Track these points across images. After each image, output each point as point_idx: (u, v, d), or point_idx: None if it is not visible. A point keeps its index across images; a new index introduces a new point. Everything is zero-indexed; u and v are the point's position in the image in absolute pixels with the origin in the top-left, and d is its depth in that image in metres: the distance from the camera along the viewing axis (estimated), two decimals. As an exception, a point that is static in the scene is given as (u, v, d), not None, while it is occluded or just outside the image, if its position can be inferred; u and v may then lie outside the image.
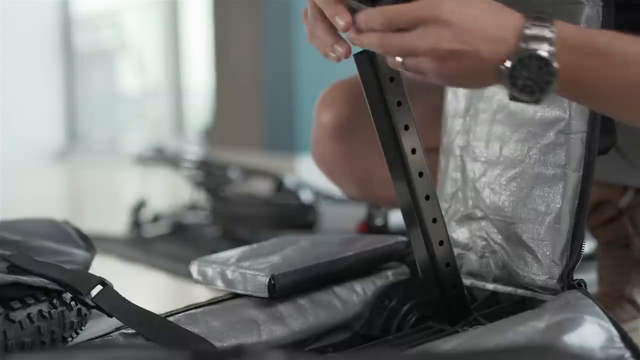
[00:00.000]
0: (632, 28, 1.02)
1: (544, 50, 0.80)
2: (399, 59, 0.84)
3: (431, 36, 0.81)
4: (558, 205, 0.98)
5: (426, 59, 0.82)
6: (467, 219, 1.09)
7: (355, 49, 0.93)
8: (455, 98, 1.11)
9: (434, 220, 0.98)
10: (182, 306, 1.01)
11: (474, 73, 0.83)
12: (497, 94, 1.06)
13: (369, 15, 0.85)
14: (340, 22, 0.87)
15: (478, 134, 1.08)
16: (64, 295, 0.93)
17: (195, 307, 1.01)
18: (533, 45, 0.80)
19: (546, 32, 0.81)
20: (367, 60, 0.94)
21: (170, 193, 3.38)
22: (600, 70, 0.82)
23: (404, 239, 1.12)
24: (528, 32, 0.81)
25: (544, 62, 0.80)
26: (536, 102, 0.82)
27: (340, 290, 1.07)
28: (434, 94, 1.18)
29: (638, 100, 0.85)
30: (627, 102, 0.85)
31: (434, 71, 0.83)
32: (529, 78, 0.80)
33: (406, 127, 0.96)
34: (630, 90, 0.84)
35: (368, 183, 1.34)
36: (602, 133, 0.97)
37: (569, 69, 0.81)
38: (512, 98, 0.83)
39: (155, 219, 2.42)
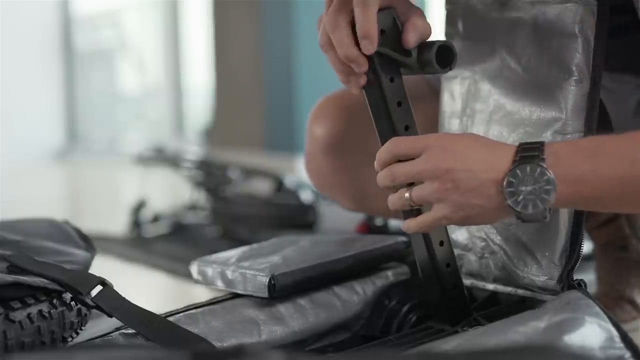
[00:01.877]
0: (625, 32, 1.02)
1: (536, 163, 0.84)
2: (407, 194, 0.90)
3: (432, 158, 0.88)
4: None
5: (428, 183, 0.88)
6: (467, 219, 1.09)
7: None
8: (452, 98, 1.11)
9: (434, 221, 0.98)
10: (182, 306, 1.01)
11: (474, 193, 0.87)
12: (494, 94, 1.06)
13: (380, 152, 0.93)
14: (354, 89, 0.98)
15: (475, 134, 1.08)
16: (64, 295, 0.93)
17: (195, 307, 1.01)
18: (526, 160, 0.85)
19: (537, 152, 0.85)
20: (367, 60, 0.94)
21: (170, 193, 3.38)
22: (595, 173, 0.85)
23: (404, 239, 1.12)
24: (520, 154, 0.86)
25: (539, 172, 0.84)
26: (543, 216, 0.85)
27: (340, 290, 1.07)
28: (432, 102, 1.17)
29: (635, 195, 0.87)
30: (626, 197, 0.87)
31: (437, 193, 0.87)
32: (529, 192, 0.84)
33: (406, 128, 0.96)
34: (627, 186, 0.85)
35: (362, 196, 1.33)
36: (598, 132, 0.97)
37: (564, 177, 0.85)
38: (519, 218, 0.86)
39: (155, 219, 2.42)
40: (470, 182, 0.86)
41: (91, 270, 1.07)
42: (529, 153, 0.85)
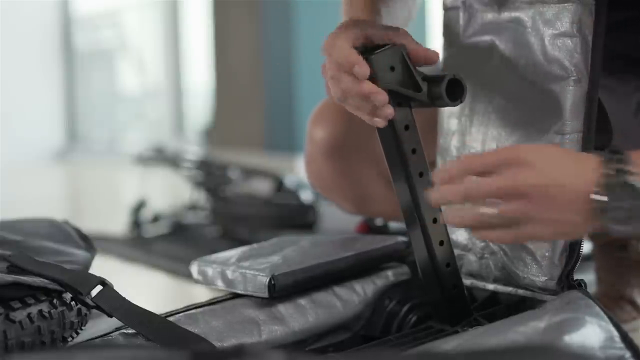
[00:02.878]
0: (627, 28, 1.02)
1: (630, 178, 0.80)
2: (490, 211, 0.83)
3: (513, 175, 0.82)
4: (556, 206, 0.98)
5: (514, 201, 0.81)
6: (467, 219, 1.09)
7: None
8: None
9: (434, 221, 0.98)
10: (182, 306, 1.01)
11: (563, 208, 0.81)
12: (492, 94, 1.06)
13: (449, 168, 0.86)
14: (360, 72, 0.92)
15: (474, 134, 1.08)
16: (64, 295, 0.93)
17: (195, 307, 1.01)
18: (617, 174, 0.80)
19: (623, 165, 0.81)
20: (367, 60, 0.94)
21: (170, 193, 3.38)
22: None
23: (404, 239, 1.12)
24: (608, 164, 0.81)
25: (633, 188, 0.80)
26: (635, 232, 0.82)
27: (341, 290, 1.07)
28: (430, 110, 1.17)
29: None
30: None
31: (522, 212, 0.82)
32: (623, 208, 0.80)
33: (406, 127, 0.97)
34: None
35: (363, 199, 1.33)
36: (597, 132, 0.97)
37: None
38: (612, 233, 0.82)
39: (155, 219, 2.42)
40: (560, 198, 0.81)
41: (91, 270, 1.07)
42: (617, 166, 0.81)
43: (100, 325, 0.96)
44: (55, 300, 0.91)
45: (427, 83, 0.95)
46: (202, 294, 1.41)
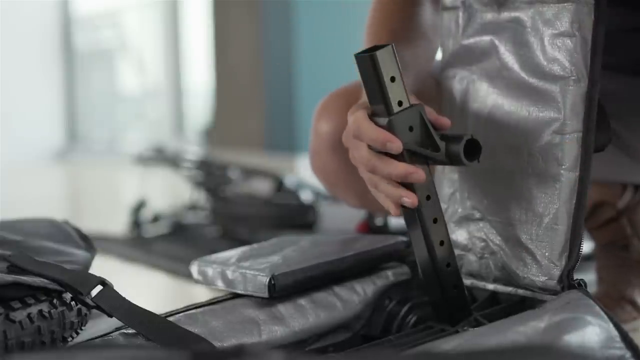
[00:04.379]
0: (631, 22, 1.02)
1: None
2: None
3: None
4: (555, 206, 0.98)
5: None
6: (466, 220, 1.09)
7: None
8: (451, 98, 1.11)
9: (435, 221, 0.98)
10: (182, 306, 1.01)
11: None
12: (492, 93, 1.06)
13: None
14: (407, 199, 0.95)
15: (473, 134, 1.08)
16: (64, 295, 0.93)
17: (195, 307, 1.00)
18: None
19: None
20: (368, 61, 0.94)
21: (170, 193, 3.38)
22: None
23: (404, 239, 1.12)
24: None
25: None
26: None
27: (341, 290, 1.07)
28: (432, 105, 1.17)
29: None
30: None
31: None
32: None
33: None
34: None
35: (367, 193, 1.32)
36: (598, 131, 0.97)
37: None
38: None
39: (155, 219, 2.42)
40: None
41: (91, 270, 1.07)
42: None
43: (100, 325, 0.96)
44: (55, 300, 0.91)
45: (445, 142, 0.95)
46: (202, 294, 1.41)
